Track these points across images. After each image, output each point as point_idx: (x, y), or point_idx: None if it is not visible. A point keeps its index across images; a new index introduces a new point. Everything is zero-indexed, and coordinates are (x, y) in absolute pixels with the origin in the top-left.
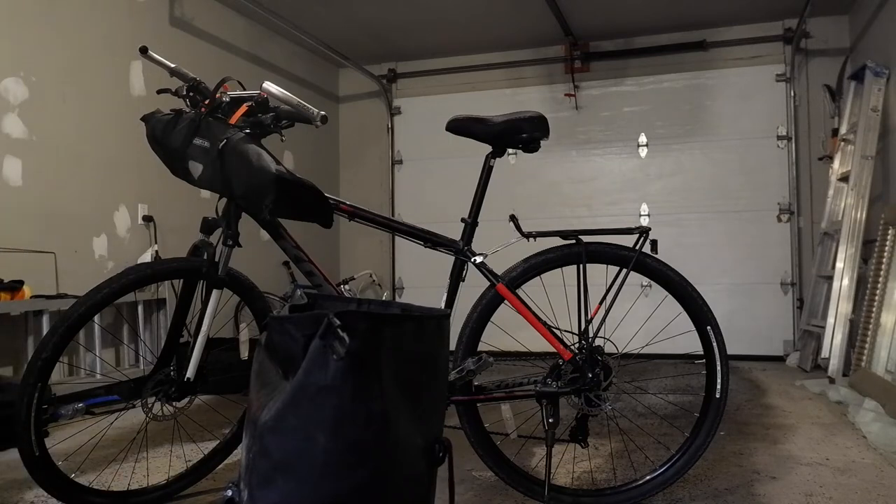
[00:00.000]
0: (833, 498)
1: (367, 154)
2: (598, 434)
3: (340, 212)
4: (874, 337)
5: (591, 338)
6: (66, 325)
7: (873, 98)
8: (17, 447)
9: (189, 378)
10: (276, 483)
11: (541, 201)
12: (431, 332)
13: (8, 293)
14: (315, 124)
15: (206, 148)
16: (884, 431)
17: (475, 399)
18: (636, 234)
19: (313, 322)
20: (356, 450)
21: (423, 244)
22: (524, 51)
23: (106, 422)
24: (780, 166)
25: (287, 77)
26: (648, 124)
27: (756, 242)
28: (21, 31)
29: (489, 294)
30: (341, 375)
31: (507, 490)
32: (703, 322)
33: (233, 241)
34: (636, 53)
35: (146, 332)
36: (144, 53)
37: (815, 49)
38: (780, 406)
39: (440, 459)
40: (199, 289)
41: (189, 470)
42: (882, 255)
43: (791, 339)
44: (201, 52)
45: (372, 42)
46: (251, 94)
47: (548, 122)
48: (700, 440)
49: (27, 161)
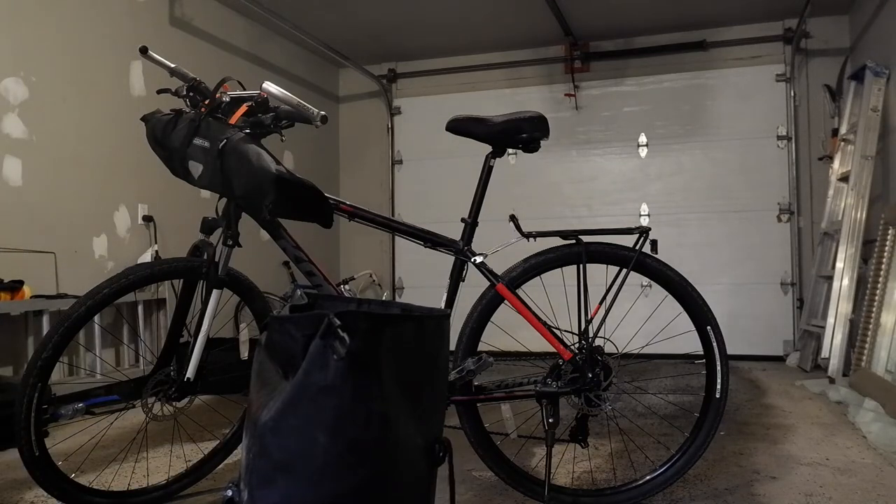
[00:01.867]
0: (833, 498)
1: (367, 154)
2: (598, 434)
3: (340, 212)
4: (874, 337)
5: (591, 338)
6: (66, 325)
7: (873, 98)
8: (17, 447)
9: (189, 378)
10: (277, 483)
11: (541, 201)
12: (431, 332)
13: (8, 293)
14: (315, 124)
15: (206, 148)
16: (884, 431)
17: (475, 399)
18: (636, 234)
19: (313, 322)
20: (356, 450)
21: (423, 244)
22: (524, 51)
23: (106, 422)
24: (780, 166)
25: (287, 77)
26: (648, 124)
27: (756, 242)
28: (21, 31)
29: (489, 294)
30: (341, 375)
31: (507, 490)
32: (703, 322)
33: (233, 241)
34: (636, 53)
35: (146, 332)
36: (144, 53)
37: (815, 49)
38: (780, 406)
39: (440, 459)
40: (199, 289)
41: (189, 470)
42: (882, 255)
43: (791, 339)
44: (201, 52)
45: (372, 42)
46: (251, 94)
47: (548, 122)
48: (700, 440)
49: (27, 161)
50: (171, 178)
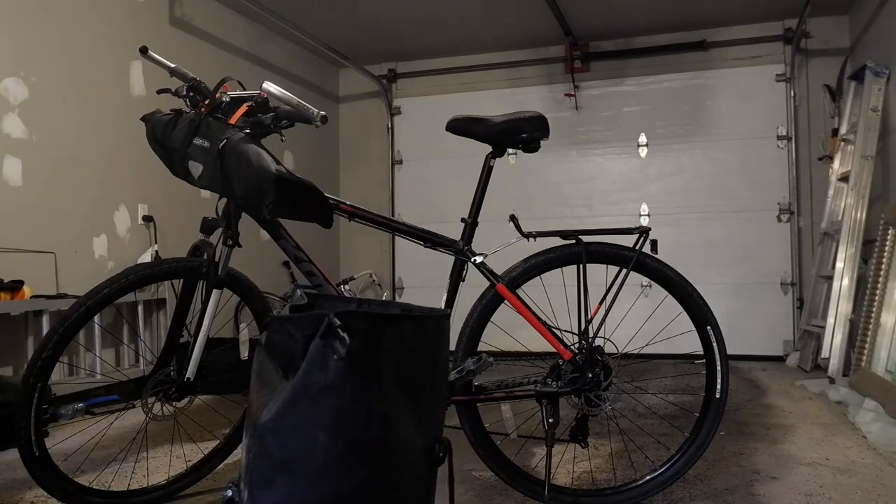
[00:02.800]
0: (833, 498)
1: (367, 154)
2: (598, 434)
3: (340, 212)
4: (874, 337)
5: (591, 338)
6: (66, 325)
7: (873, 98)
8: (18, 447)
9: (189, 378)
10: (276, 483)
11: (541, 201)
12: (431, 332)
13: (8, 293)
14: (315, 124)
15: (206, 148)
16: (884, 431)
17: (475, 399)
18: (636, 234)
19: (313, 322)
20: (356, 450)
21: (423, 244)
22: (524, 51)
23: (106, 422)
24: (780, 166)
25: (287, 77)
26: (648, 124)
27: (756, 242)
28: (21, 31)
29: (489, 294)
30: (341, 375)
31: (507, 490)
32: (703, 322)
33: (233, 241)
34: (636, 53)
35: (146, 332)
36: (144, 53)
37: (815, 49)
38: (780, 406)
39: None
40: (199, 289)
41: (189, 470)
42: (882, 255)
43: (791, 339)
44: (201, 52)
45: (372, 42)
46: (251, 94)
47: (548, 122)
48: (700, 440)
49: (27, 161)
50: (171, 178)
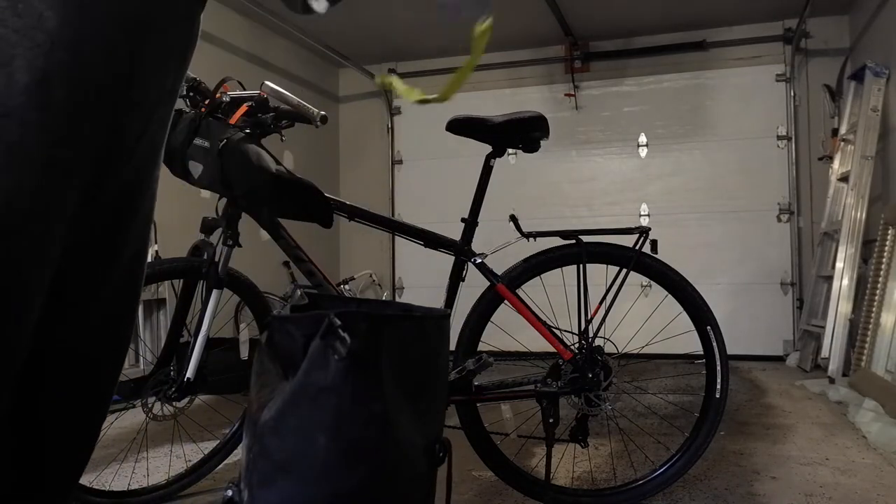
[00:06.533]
0: (833, 498)
1: (367, 154)
2: (598, 434)
3: (340, 212)
4: (874, 337)
5: (591, 338)
6: None
7: (873, 98)
8: None
9: (189, 378)
10: (276, 483)
11: (541, 201)
12: (431, 332)
13: None
14: (315, 124)
15: (205, 148)
16: (884, 431)
17: (475, 399)
18: (636, 234)
19: (314, 322)
20: (356, 450)
21: (423, 244)
22: (524, 51)
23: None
24: (780, 166)
25: (287, 77)
26: (648, 124)
27: (756, 242)
28: None
29: (489, 294)
30: (342, 375)
31: (507, 490)
32: (703, 322)
33: (233, 241)
34: (636, 53)
35: (146, 332)
36: None
37: (815, 49)
38: (780, 406)
39: (440, 459)
40: (199, 289)
41: (189, 470)
42: (882, 255)
43: (791, 339)
44: (201, 52)
45: (372, 42)
46: (251, 94)
47: (548, 122)
48: (700, 440)
49: None
50: (171, 178)
